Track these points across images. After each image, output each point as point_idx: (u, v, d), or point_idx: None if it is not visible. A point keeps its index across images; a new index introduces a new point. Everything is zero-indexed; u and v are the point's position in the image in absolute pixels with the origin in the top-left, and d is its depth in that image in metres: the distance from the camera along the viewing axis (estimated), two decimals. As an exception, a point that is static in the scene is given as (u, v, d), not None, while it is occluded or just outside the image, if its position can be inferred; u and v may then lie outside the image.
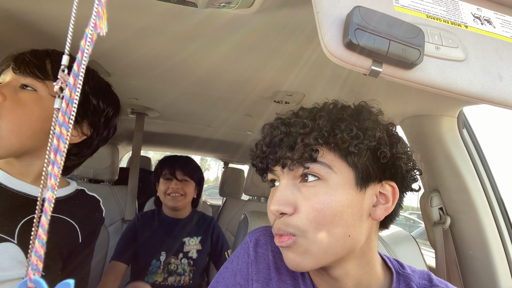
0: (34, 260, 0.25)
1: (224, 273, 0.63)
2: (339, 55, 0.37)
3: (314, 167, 0.48)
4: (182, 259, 1.42)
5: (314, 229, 0.47)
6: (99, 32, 0.26)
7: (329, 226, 0.47)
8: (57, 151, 0.26)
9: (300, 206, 0.48)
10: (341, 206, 0.47)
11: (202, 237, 1.50)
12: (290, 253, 0.49)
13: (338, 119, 0.49)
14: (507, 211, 1.01)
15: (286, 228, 0.48)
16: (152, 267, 1.36)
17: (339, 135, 0.47)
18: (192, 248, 1.45)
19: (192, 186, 1.48)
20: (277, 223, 0.49)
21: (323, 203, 0.47)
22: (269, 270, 0.58)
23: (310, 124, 0.49)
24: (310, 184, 0.49)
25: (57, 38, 0.84)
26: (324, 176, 0.48)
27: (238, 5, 0.58)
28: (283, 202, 0.48)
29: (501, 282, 0.95)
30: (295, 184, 0.50)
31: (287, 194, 0.49)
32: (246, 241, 0.63)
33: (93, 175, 1.79)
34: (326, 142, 0.48)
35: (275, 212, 0.49)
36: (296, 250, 0.48)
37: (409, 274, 0.56)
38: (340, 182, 0.48)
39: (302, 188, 0.49)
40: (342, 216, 0.47)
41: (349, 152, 0.48)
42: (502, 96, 0.41)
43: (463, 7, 0.46)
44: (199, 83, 1.14)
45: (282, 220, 0.49)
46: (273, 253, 0.60)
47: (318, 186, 0.48)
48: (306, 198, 0.48)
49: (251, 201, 1.94)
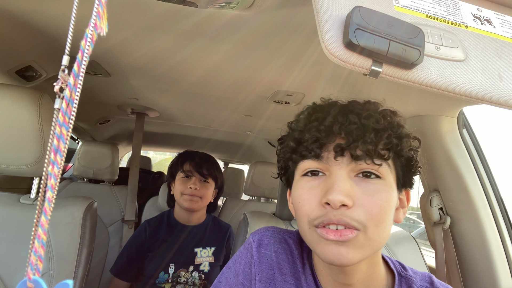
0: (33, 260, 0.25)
1: (226, 273, 0.63)
2: (339, 55, 0.37)
3: (381, 164, 0.48)
4: (193, 272, 1.26)
5: (374, 226, 0.46)
6: (99, 32, 0.26)
7: (384, 223, 0.47)
8: (57, 151, 0.26)
9: (361, 201, 0.47)
10: (393, 205, 0.49)
11: (216, 248, 1.33)
12: (343, 248, 0.47)
13: (398, 124, 0.50)
14: (507, 211, 1.01)
15: (351, 221, 0.46)
16: (160, 279, 1.22)
17: (404, 139, 0.49)
18: (204, 261, 1.29)
19: (211, 188, 1.33)
20: (336, 214, 0.46)
21: (386, 200, 0.47)
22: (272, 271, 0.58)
23: (381, 120, 0.48)
24: (372, 181, 0.48)
25: (57, 38, 0.84)
26: (384, 175, 0.48)
27: (238, 5, 0.58)
28: (347, 194, 0.46)
29: (501, 282, 0.95)
30: (351, 177, 0.49)
31: (347, 186, 0.47)
32: (249, 242, 0.63)
33: (93, 175, 1.79)
34: (394, 143, 0.48)
35: (339, 203, 0.45)
36: (352, 245, 0.47)
37: (411, 276, 0.56)
38: (392, 182, 0.50)
39: (361, 183, 0.48)
40: (391, 215, 0.49)
41: (401, 156, 0.50)
42: (502, 96, 0.41)
43: (463, 7, 0.46)
44: (199, 83, 1.14)
45: (341, 212, 0.46)
46: (276, 253, 0.60)
47: (379, 183, 0.48)
48: (367, 193, 0.47)
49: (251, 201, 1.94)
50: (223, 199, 2.43)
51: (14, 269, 0.79)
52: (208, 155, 1.40)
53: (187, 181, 1.29)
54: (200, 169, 1.30)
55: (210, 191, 1.32)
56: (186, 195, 1.27)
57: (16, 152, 0.83)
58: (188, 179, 1.29)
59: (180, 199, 1.28)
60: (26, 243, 0.81)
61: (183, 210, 1.32)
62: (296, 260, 0.59)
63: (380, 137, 0.47)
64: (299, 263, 0.59)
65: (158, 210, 1.74)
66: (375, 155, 0.47)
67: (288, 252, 0.60)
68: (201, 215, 1.37)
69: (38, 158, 0.84)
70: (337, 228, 0.46)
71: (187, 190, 1.26)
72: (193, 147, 1.52)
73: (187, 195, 1.27)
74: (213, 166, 1.35)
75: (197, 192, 1.27)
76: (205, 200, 1.31)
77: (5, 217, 0.84)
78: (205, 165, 1.32)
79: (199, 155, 1.37)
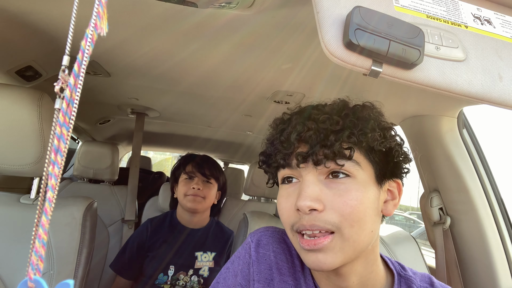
0: (34, 260, 0.25)
1: (225, 274, 0.63)
2: (339, 55, 0.37)
3: (346, 164, 0.48)
4: (192, 276, 1.26)
5: (349, 226, 0.46)
6: (99, 32, 0.26)
7: (361, 222, 0.47)
8: (57, 151, 0.26)
9: (331, 203, 0.47)
10: (369, 201, 0.48)
11: (217, 253, 1.32)
12: (320, 255, 0.47)
13: (364, 118, 0.50)
14: (507, 211, 1.01)
15: (323, 224, 0.46)
16: (159, 281, 1.22)
17: (370, 134, 0.48)
18: (204, 265, 1.28)
19: (214, 189, 1.34)
20: (308, 219, 0.47)
21: (356, 199, 0.47)
22: (270, 271, 0.58)
23: (340, 121, 0.48)
24: (341, 181, 0.48)
25: (57, 38, 0.84)
26: (353, 173, 0.48)
27: (238, 5, 0.58)
28: (314, 198, 0.46)
29: (501, 282, 0.95)
30: (321, 180, 0.49)
31: (316, 190, 0.47)
32: (247, 242, 0.63)
33: (93, 175, 1.79)
34: (357, 140, 0.48)
35: (306, 208, 0.46)
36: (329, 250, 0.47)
37: (411, 276, 0.56)
38: (365, 178, 0.49)
39: (330, 185, 0.48)
40: (369, 211, 0.48)
41: (372, 150, 0.50)
42: (502, 96, 0.41)
43: (463, 7, 0.46)
44: (199, 83, 1.14)
45: (313, 217, 0.46)
46: (274, 253, 0.60)
47: (349, 183, 0.48)
48: (338, 194, 0.47)
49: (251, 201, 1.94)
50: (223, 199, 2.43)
51: (14, 269, 0.79)
52: (208, 157, 1.41)
53: (189, 182, 1.30)
54: (202, 170, 1.31)
55: (213, 191, 1.33)
56: (189, 196, 1.27)
57: (16, 152, 0.83)
58: (190, 180, 1.30)
59: (183, 200, 1.29)
60: (26, 243, 0.81)
61: (185, 211, 1.32)
62: (295, 260, 0.59)
63: (339, 138, 0.47)
64: (298, 263, 0.58)
65: (158, 210, 1.74)
66: (337, 156, 0.47)
67: (287, 252, 0.60)
68: (204, 217, 1.37)
69: (38, 158, 0.84)
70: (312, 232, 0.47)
71: (190, 191, 1.27)
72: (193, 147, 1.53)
73: (190, 196, 1.27)
74: (214, 166, 1.36)
75: (200, 193, 1.28)
76: (208, 201, 1.32)
77: (5, 217, 0.84)
78: (207, 166, 1.33)
79: (199, 157, 1.38)
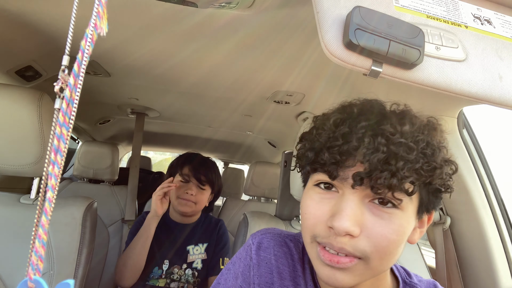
0: (34, 260, 0.25)
1: (226, 274, 0.62)
2: (339, 55, 0.37)
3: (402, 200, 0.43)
4: (186, 270, 1.28)
5: (378, 258, 0.43)
6: (99, 32, 0.26)
7: (391, 255, 0.44)
8: (57, 151, 0.26)
9: (369, 231, 0.43)
10: (406, 235, 0.45)
11: (209, 244, 1.34)
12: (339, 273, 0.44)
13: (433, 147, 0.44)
14: (507, 211, 1.01)
15: (353, 251, 0.43)
16: (154, 274, 1.25)
17: (438, 171, 0.43)
18: (197, 258, 1.30)
19: (207, 194, 1.33)
20: (338, 242, 0.43)
21: (397, 233, 0.43)
22: (271, 275, 0.57)
23: (414, 149, 0.42)
24: (387, 210, 0.43)
25: (57, 38, 0.84)
26: (402, 206, 0.43)
27: (238, 5, 0.58)
28: (354, 222, 0.42)
29: (501, 282, 0.95)
30: (365, 203, 0.44)
31: (358, 214, 0.43)
32: (248, 244, 0.62)
33: (93, 175, 1.79)
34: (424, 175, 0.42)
35: (343, 231, 0.42)
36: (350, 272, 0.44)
37: (416, 284, 0.55)
38: (411, 212, 0.45)
39: (374, 210, 0.44)
40: (403, 245, 0.45)
41: (430, 184, 0.45)
42: (502, 96, 0.41)
43: (463, 7, 0.46)
44: (199, 83, 1.14)
45: (346, 240, 0.43)
46: (275, 257, 0.59)
47: (395, 214, 0.43)
48: (378, 224, 0.43)
49: (251, 201, 1.94)
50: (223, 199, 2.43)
51: (14, 269, 0.79)
52: (206, 159, 1.40)
53: (184, 185, 1.29)
54: (198, 175, 1.30)
55: (205, 196, 1.32)
56: (181, 199, 1.27)
57: (16, 152, 0.83)
58: (185, 183, 1.30)
59: (175, 202, 1.29)
60: (26, 243, 0.81)
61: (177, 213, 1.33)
62: (296, 264, 0.58)
63: (408, 170, 0.41)
64: (299, 267, 0.57)
65: (158, 210, 1.73)
66: (397, 190, 0.41)
67: (288, 255, 0.59)
68: (196, 216, 1.38)
69: (38, 158, 0.84)
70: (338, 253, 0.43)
71: (184, 195, 1.27)
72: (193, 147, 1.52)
73: (182, 199, 1.27)
74: (211, 170, 1.35)
75: (192, 198, 1.27)
76: (199, 206, 1.31)
77: (5, 217, 0.84)
78: (204, 171, 1.32)
79: (197, 159, 1.36)
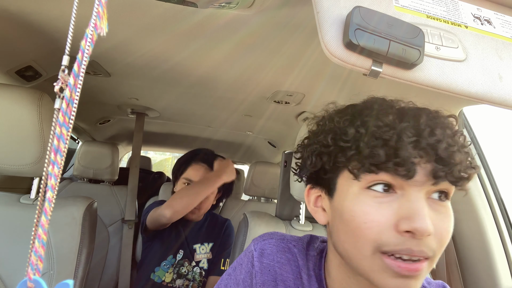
0: (34, 260, 0.25)
1: (226, 280, 0.60)
2: (339, 55, 0.37)
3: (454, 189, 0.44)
4: (195, 267, 1.26)
5: (439, 253, 0.43)
6: (99, 32, 0.26)
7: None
8: (57, 151, 0.26)
9: (436, 227, 0.41)
10: None
11: (214, 244, 1.32)
12: (413, 282, 0.41)
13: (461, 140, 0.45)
14: (507, 211, 1.01)
15: (427, 250, 0.41)
16: (166, 262, 1.23)
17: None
18: (203, 257, 1.28)
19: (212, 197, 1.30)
20: (418, 244, 0.40)
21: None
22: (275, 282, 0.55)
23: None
24: (444, 204, 0.44)
25: (57, 38, 0.84)
26: (450, 196, 0.45)
27: (238, 5, 0.58)
28: (431, 221, 0.40)
29: (501, 282, 0.95)
30: (425, 199, 0.43)
31: (429, 212, 0.41)
32: (250, 250, 0.60)
33: (93, 175, 1.79)
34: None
35: (426, 232, 0.39)
36: (421, 277, 0.42)
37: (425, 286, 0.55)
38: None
39: (434, 206, 0.43)
40: None
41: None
42: (502, 96, 0.41)
43: (463, 7, 0.46)
44: (199, 83, 1.14)
45: (422, 242, 0.40)
46: (279, 264, 0.57)
47: (448, 207, 0.44)
48: (440, 219, 0.42)
49: (251, 201, 1.94)
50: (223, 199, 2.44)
51: (14, 269, 0.79)
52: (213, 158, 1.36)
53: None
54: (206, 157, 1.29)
55: (209, 200, 1.30)
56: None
57: (16, 152, 0.83)
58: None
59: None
60: (26, 243, 0.81)
61: None
62: (301, 271, 0.56)
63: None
64: (304, 275, 0.55)
65: (158, 210, 1.74)
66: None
67: (292, 262, 0.57)
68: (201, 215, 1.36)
69: (38, 158, 0.84)
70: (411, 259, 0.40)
71: None
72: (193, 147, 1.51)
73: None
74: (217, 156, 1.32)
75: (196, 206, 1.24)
76: (203, 211, 1.30)
77: (5, 217, 0.84)
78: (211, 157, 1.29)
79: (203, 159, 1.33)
